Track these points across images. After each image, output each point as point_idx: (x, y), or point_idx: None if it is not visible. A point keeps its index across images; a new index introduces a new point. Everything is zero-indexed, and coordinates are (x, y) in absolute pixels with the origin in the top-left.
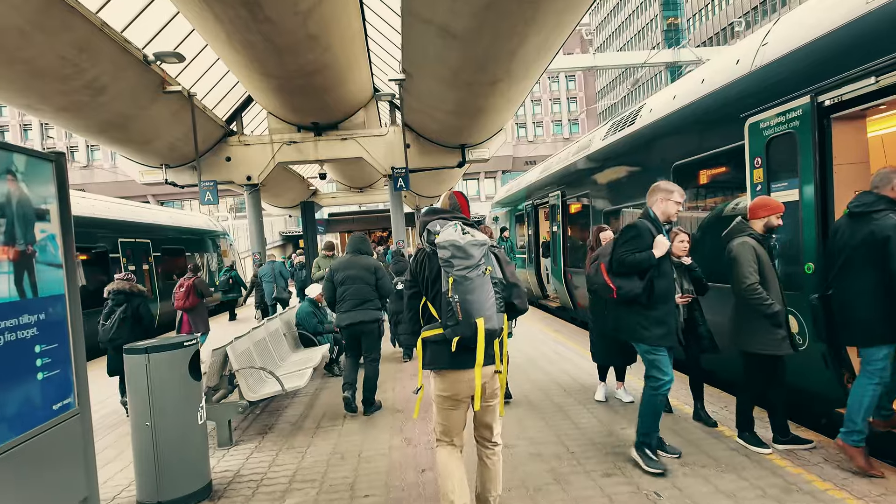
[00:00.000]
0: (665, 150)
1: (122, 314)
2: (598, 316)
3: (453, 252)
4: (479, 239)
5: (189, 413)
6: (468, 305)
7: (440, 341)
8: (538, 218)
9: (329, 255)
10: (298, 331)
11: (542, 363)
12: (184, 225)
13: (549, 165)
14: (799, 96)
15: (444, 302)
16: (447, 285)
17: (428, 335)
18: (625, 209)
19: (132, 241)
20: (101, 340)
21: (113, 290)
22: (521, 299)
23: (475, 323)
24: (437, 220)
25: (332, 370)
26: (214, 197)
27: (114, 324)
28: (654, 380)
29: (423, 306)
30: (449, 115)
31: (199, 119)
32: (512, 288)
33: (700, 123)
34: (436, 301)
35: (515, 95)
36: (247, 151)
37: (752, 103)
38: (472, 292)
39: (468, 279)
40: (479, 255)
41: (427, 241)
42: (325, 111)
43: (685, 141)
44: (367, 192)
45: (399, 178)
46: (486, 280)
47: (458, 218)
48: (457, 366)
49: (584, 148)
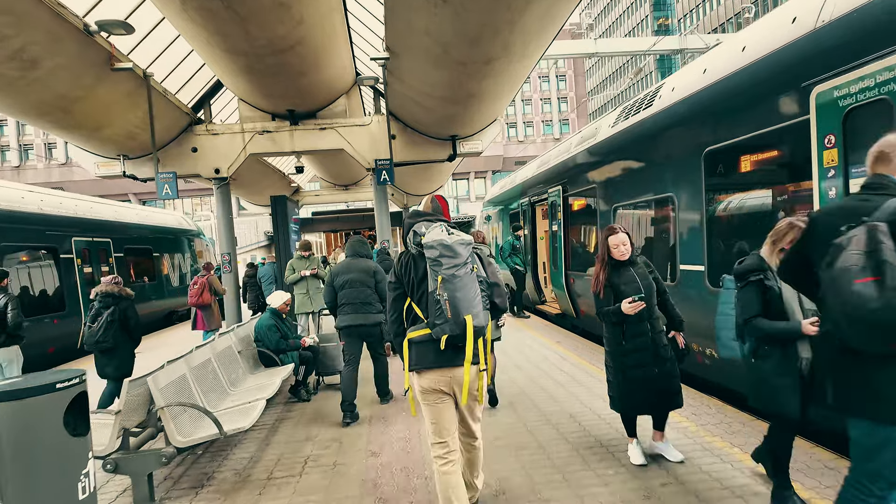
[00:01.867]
0: (694, 134)
1: (110, 317)
2: (649, 355)
3: (442, 251)
4: (465, 238)
5: (63, 485)
6: (457, 303)
7: (426, 341)
8: (535, 216)
9: (305, 256)
10: (258, 348)
11: (546, 384)
12: (152, 223)
13: (548, 159)
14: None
15: (432, 301)
16: (435, 284)
17: (414, 336)
18: (639, 205)
19: (88, 239)
20: (87, 343)
21: (100, 292)
22: (502, 298)
23: (464, 320)
24: (421, 221)
25: (299, 394)
26: (174, 191)
27: (101, 326)
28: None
29: (407, 307)
30: (438, 102)
31: (159, 104)
32: (493, 287)
33: (742, 98)
34: (421, 302)
35: (512, 78)
36: (215, 142)
37: (820, 68)
38: (461, 290)
39: (457, 276)
40: (466, 253)
41: (413, 243)
42: (302, 97)
43: (721, 122)
44: (352, 189)
45: (383, 171)
46: (473, 278)
47: (441, 220)
48: (442, 364)
49: (589, 138)
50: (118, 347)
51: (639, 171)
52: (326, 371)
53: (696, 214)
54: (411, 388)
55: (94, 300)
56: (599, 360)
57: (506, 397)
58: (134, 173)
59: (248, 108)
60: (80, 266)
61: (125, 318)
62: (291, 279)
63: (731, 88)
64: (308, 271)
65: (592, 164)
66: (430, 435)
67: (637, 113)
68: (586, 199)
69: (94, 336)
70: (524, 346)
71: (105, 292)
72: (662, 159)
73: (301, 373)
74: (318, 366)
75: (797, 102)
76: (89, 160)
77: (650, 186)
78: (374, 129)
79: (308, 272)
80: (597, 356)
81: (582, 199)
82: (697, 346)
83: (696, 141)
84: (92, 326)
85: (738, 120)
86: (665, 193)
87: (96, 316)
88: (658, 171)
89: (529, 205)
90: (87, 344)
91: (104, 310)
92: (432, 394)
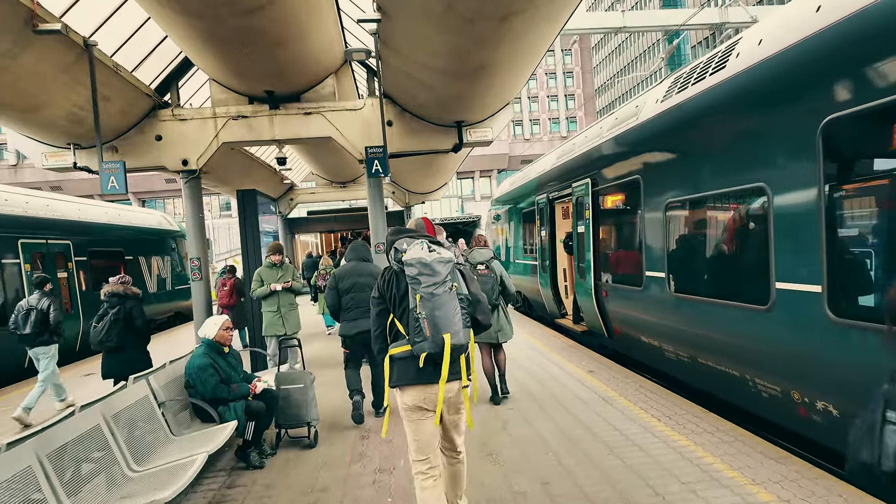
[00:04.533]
0: (804, 99)
1: (115, 316)
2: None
3: (420, 269)
4: (444, 256)
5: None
6: (435, 321)
7: (407, 358)
8: (554, 216)
9: (276, 264)
10: (189, 399)
11: (594, 452)
12: (125, 223)
13: (570, 148)
14: None
15: (412, 318)
16: (415, 302)
17: (395, 352)
18: (705, 200)
19: (42, 242)
20: (93, 342)
21: (108, 292)
22: (485, 314)
23: (442, 339)
24: (403, 238)
25: (249, 458)
26: (121, 184)
27: (105, 326)
28: None
29: (390, 323)
30: (442, 78)
31: (111, 82)
32: (476, 304)
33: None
34: (403, 318)
35: (532, 45)
36: (183, 129)
37: None
38: (439, 308)
39: (435, 295)
40: (446, 272)
41: (394, 260)
42: (282, 76)
43: (858, 75)
44: (350, 187)
45: (375, 161)
46: (453, 296)
47: (423, 237)
48: (423, 380)
49: (627, 119)
50: (125, 347)
51: (705, 156)
52: (289, 422)
53: (807, 212)
54: (389, 406)
55: (104, 301)
56: (657, 403)
57: (536, 476)
58: (88, 165)
59: (221, 90)
60: (27, 273)
61: (130, 317)
62: (258, 293)
63: (873, 25)
64: (279, 285)
65: (633, 150)
66: (411, 452)
67: (699, 80)
68: (624, 195)
69: (99, 335)
70: (548, 376)
71: (112, 292)
72: (746, 137)
73: (250, 431)
74: (277, 416)
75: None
76: (36, 150)
77: (724, 175)
78: (368, 114)
79: (279, 286)
80: (654, 399)
81: (618, 195)
82: (801, 395)
83: (808, 107)
84: (97, 326)
85: (888, 70)
86: (750, 183)
87: (102, 315)
88: (738, 153)
89: (547, 202)
90: (93, 343)
91: (110, 309)
92: (415, 411)
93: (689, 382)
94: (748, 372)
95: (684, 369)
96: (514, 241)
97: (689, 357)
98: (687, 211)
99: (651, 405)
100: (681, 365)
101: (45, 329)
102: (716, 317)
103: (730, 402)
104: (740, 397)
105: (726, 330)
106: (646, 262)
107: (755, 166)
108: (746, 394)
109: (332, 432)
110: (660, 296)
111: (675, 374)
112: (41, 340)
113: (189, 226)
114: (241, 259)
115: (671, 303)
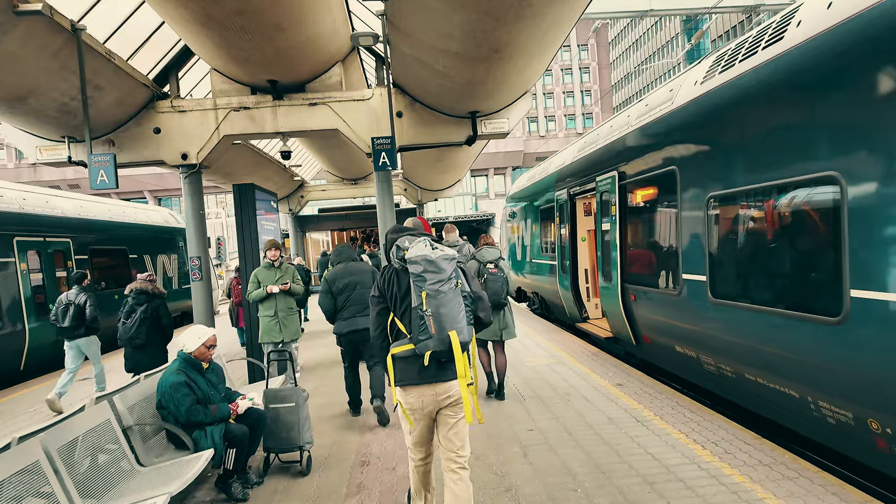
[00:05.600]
0: (889, 69)
1: (143, 314)
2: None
3: (426, 266)
4: (448, 254)
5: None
6: (441, 319)
7: (409, 356)
8: (575, 212)
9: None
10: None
11: (633, 491)
12: (130, 220)
13: (594, 139)
14: None
15: (416, 316)
16: (419, 299)
17: (397, 351)
18: (757, 193)
19: (40, 240)
20: (121, 338)
21: (135, 289)
22: (486, 311)
23: (448, 336)
24: (405, 236)
25: (230, 490)
26: (111, 178)
27: (134, 323)
28: None
29: (391, 322)
30: (455, 63)
31: (104, 71)
32: (478, 301)
33: None
34: (405, 317)
35: (555, 22)
36: (182, 121)
37: None
38: (445, 305)
39: (441, 293)
40: (451, 269)
41: (396, 258)
42: (285, 63)
43: None
44: (361, 184)
45: (382, 153)
46: (458, 294)
47: (425, 235)
48: (425, 380)
49: (660, 105)
50: (150, 344)
51: (757, 142)
52: (280, 446)
53: (893, 205)
54: (399, 403)
55: (128, 295)
56: (699, 425)
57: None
58: (83, 159)
59: (222, 80)
60: (24, 272)
61: (157, 315)
62: (254, 296)
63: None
64: (277, 287)
65: (668, 139)
66: (408, 440)
67: (749, 56)
68: (656, 188)
69: (129, 332)
70: (572, 389)
71: (139, 289)
72: (811, 119)
73: (230, 459)
74: (265, 439)
75: None
76: (30, 144)
77: (783, 164)
78: (377, 104)
79: (277, 288)
80: (695, 420)
81: (649, 189)
82: (880, 425)
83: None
84: (126, 322)
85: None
86: (818, 173)
87: (130, 312)
88: (801, 138)
89: (568, 198)
90: (121, 339)
91: (137, 307)
92: (414, 413)
93: (733, 399)
94: (810, 393)
95: (728, 385)
96: (530, 240)
97: (734, 372)
98: (734, 206)
99: (692, 428)
100: (723, 380)
101: (82, 323)
102: (772, 327)
103: (783, 424)
104: (798, 421)
105: (785, 343)
106: (683, 263)
107: (824, 152)
108: (806, 418)
109: (332, 453)
110: (700, 301)
111: (717, 390)
112: (78, 333)
113: (189, 223)
114: (238, 258)
115: (714, 309)
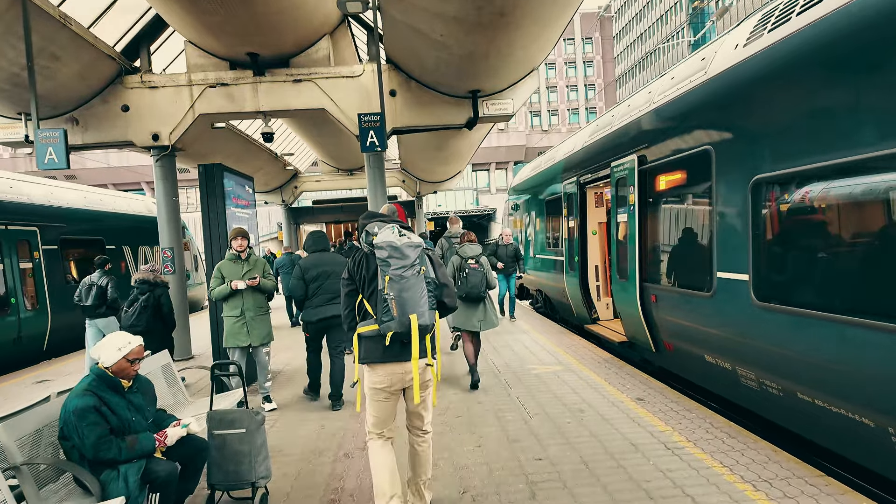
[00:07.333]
0: None
1: (144, 302)
2: None
3: (390, 252)
4: (414, 241)
5: None
6: (403, 302)
7: (374, 336)
8: (586, 203)
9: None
10: (65, 455)
11: None
12: (107, 209)
13: (606, 122)
14: None
15: (380, 299)
16: (384, 283)
17: (363, 331)
18: (829, 171)
19: (1, 228)
20: (123, 326)
21: (138, 279)
22: (451, 298)
23: (409, 319)
24: (375, 222)
25: None
26: (61, 158)
27: (135, 311)
28: None
29: (359, 303)
30: (453, 29)
31: (59, 37)
32: (443, 288)
33: None
34: (371, 298)
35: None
36: (154, 97)
37: None
38: (407, 290)
39: (404, 278)
40: (415, 256)
41: (365, 242)
42: (265, 34)
43: None
44: (357, 175)
45: (370, 132)
46: (420, 279)
47: (395, 222)
48: (389, 359)
49: (690, 77)
50: (151, 332)
51: (818, 113)
52: (228, 481)
53: None
54: (360, 380)
55: (134, 286)
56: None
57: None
58: None
59: (198, 54)
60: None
61: (159, 304)
62: (217, 294)
63: None
64: (244, 282)
65: (700, 114)
66: (368, 424)
67: (808, 8)
68: (685, 173)
69: (129, 320)
70: (586, 405)
71: (142, 279)
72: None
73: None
74: (209, 474)
75: None
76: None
77: (856, 137)
78: (368, 81)
79: (244, 284)
80: (736, 446)
81: (676, 173)
82: None
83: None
84: (128, 310)
85: None
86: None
87: (133, 301)
88: (886, 104)
89: (577, 187)
90: (123, 326)
91: (140, 296)
92: (381, 392)
93: (779, 422)
94: (893, 424)
95: (775, 404)
96: (534, 235)
97: (783, 390)
98: (788, 191)
99: (736, 459)
100: (768, 397)
101: (104, 303)
102: (843, 340)
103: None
104: (871, 457)
105: (862, 359)
106: (717, 259)
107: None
108: (885, 453)
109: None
110: (739, 304)
111: (758, 409)
112: (99, 313)
113: (161, 210)
114: (204, 249)
115: (757, 315)
